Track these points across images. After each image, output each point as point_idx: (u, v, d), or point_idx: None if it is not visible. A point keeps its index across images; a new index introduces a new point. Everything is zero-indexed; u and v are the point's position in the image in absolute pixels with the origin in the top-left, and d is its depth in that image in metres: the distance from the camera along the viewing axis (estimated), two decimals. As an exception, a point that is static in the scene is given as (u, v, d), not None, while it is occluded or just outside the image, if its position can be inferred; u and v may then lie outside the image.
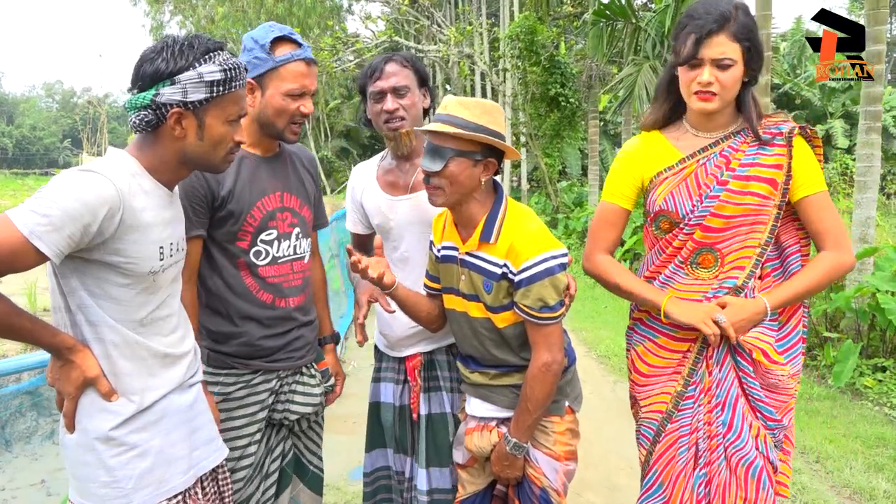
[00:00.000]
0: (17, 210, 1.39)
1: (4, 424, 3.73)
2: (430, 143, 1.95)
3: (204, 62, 1.54)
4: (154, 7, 28.75)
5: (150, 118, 1.54)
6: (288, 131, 2.07)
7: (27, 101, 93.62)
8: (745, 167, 1.96)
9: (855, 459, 4.01)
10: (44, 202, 1.39)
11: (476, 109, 1.92)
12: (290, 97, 2.01)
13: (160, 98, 1.52)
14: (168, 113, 1.53)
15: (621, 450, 4.21)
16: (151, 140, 1.59)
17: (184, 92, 1.52)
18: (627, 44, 11.49)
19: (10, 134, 77.15)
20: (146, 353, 1.61)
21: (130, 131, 1.56)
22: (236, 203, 2.01)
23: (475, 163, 1.94)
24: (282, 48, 2.00)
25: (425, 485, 2.28)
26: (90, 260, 1.49)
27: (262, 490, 2.16)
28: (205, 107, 1.56)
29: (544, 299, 1.93)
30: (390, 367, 2.43)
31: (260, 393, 2.11)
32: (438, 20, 22.20)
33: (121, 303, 1.55)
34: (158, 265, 1.59)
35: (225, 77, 1.55)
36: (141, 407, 1.59)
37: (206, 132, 1.59)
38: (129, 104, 1.56)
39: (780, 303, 1.99)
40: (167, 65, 1.51)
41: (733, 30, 1.88)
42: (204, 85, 1.53)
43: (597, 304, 8.86)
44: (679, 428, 2.09)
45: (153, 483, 1.60)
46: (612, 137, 23.55)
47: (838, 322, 6.06)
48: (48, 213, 1.37)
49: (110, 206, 1.44)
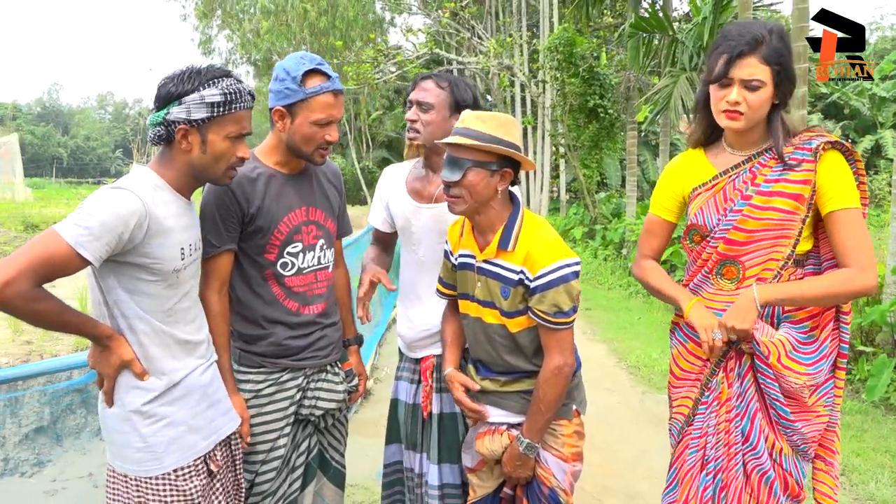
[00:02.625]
0: (62, 224, 1.65)
1: (56, 420, 3.97)
2: (448, 154, 2.07)
3: (207, 86, 1.81)
4: (203, 22, 29.54)
5: (162, 133, 1.82)
6: (316, 155, 2.21)
7: (82, 113, 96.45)
8: (769, 183, 2.00)
9: (882, 473, 3.98)
10: (84, 216, 1.65)
11: (492, 122, 2.04)
12: (318, 126, 2.14)
13: (170, 116, 1.80)
14: (176, 129, 1.80)
15: (646, 459, 4.25)
16: (167, 155, 1.86)
17: (188, 111, 1.79)
18: (665, 55, 11.47)
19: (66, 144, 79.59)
20: (171, 340, 1.87)
21: (148, 137, 1.90)
22: (264, 219, 2.16)
23: (492, 173, 2.04)
24: (312, 80, 2.11)
25: (437, 480, 2.41)
26: (124, 262, 1.75)
27: (288, 482, 2.31)
28: (207, 125, 1.82)
29: (559, 305, 2.02)
30: (407, 367, 2.58)
31: (289, 389, 2.26)
32: (479, 32, 22.38)
33: (150, 297, 1.81)
34: (180, 263, 1.85)
35: (224, 100, 1.81)
36: (169, 385, 1.86)
37: (208, 147, 1.85)
38: (149, 121, 1.85)
39: (772, 298, 1.98)
40: (176, 88, 1.80)
41: (764, 53, 1.93)
42: (205, 106, 1.80)
43: (630, 316, 8.85)
44: (692, 431, 2.18)
45: (180, 448, 1.86)
46: (653, 148, 23.32)
47: (874, 336, 5.98)
48: (89, 225, 1.64)
49: (138, 217, 1.70)
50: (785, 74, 1.97)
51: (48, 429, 3.93)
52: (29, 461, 3.74)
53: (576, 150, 16.23)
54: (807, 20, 7.05)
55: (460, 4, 21.59)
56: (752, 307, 1.98)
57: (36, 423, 3.84)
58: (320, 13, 24.56)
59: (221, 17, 28.69)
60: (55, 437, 3.96)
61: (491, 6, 24.55)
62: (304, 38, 24.44)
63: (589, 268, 12.69)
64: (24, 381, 3.28)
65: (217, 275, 2.13)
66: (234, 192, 2.14)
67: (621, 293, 10.74)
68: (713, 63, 2.02)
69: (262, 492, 2.24)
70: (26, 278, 1.57)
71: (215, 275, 2.13)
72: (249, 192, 2.17)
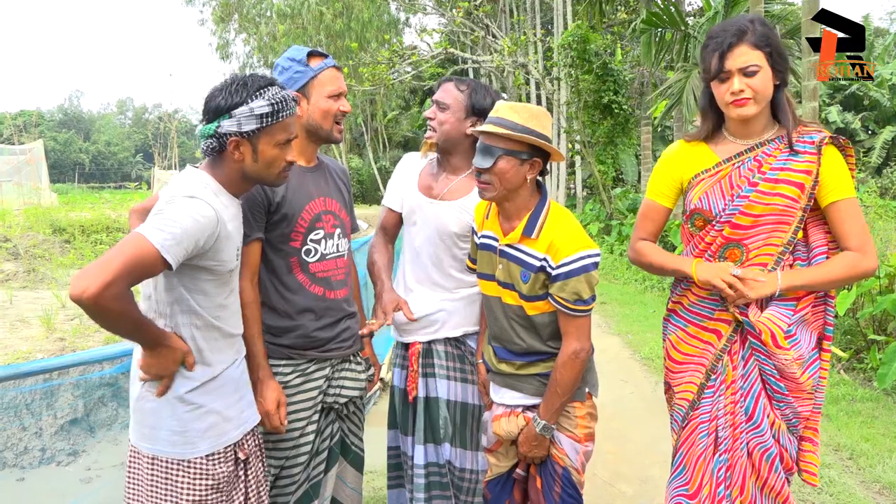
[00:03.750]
0: (148, 229, 1.73)
1: (89, 412, 4.15)
2: (481, 142, 2.16)
3: (255, 98, 1.87)
4: (220, 26, 29.84)
5: (214, 145, 1.91)
6: (335, 130, 2.36)
7: (102, 119, 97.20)
8: (775, 171, 2.10)
9: (890, 457, 4.04)
10: (168, 223, 1.74)
11: (525, 113, 2.13)
12: (332, 98, 2.32)
13: (221, 129, 1.88)
14: (228, 141, 1.89)
15: (658, 446, 4.34)
16: (220, 161, 1.96)
17: (239, 124, 1.87)
18: (677, 51, 11.50)
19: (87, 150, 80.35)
20: (218, 333, 1.97)
21: (200, 148, 1.96)
22: (289, 207, 2.29)
23: (522, 162, 2.13)
24: (314, 60, 2.31)
25: (422, 459, 2.53)
26: (190, 264, 1.85)
27: (312, 465, 2.42)
28: (257, 135, 1.90)
29: (579, 293, 2.12)
30: (400, 353, 2.71)
31: (317, 379, 2.36)
32: (493, 31, 22.46)
33: (206, 294, 1.92)
34: (235, 263, 1.98)
35: (273, 110, 1.88)
36: (212, 376, 1.96)
37: (259, 155, 1.93)
38: (199, 133, 1.93)
39: (792, 285, 2.10)
40: (225, 101, 1.87)
41: (752, 40, 2.04)
42: (255, 118, 1.87)
43: (644, 309, 8.92)
44: (699, 416, 2.25)
45: (214, 436, 1.96)
46: (668, 142, 23.26)
47: (886, 325, 6.02)
48: (173, 231, 1.73)
49: (213, 225, 1.82)
50: (777, 54, 2.07)
51: (82, 420, 4.11)
52: (65, 451, 3.91)
53: (591, 146, 16.27)
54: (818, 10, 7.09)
55: (474, 3, 21.65)
56: (773, 288, 2.09)
57: (70, 414, 4.02)
58: (336, 15, 24.73)
59: (238, 21, 28.98)
60: (88, 429, 4.14)
61: (505, 4, 24.59)
62: (321, 41, 24.63)
63: (605, 263, 12.74)
64: (58, 374, 3.45)
65: (249, 264, 2.23)
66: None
67: (636, 287, 10.81)
68: (708, 62, 2.13)
69: (290, 475, 2.34)
70: (123, 280, 1.64)
71: (248, 264, 2.22)
72: None
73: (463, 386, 2.58)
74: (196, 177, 1.94)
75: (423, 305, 2.57)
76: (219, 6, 28.88)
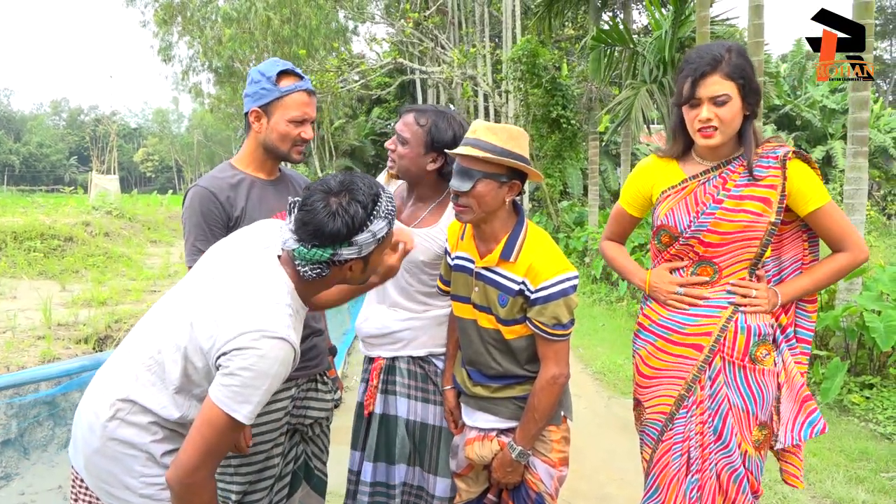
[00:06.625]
0: (236, 403, 1.59)
1: (23, 433, 3.91)
2: (459, 164, 2.09)
3: (373, 219, 1.72)
4: (162, 28, 29.09)
5: (324, 271, 1.73)
6: (293, 152, 2.29)
7: (35, 119, 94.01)
8: (739, 187, 2.12)
9: (837, 472, 4.15)
10: (255, 391, 1.59)
11: (503, 135, 2.06)
12: (293, 123, 2.24)
13: (338, 257, 1.71)
14: (344, 264, 1.75)
15: (614, 462, 4.35)
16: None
17: (360, 249, 1.72)
18: (626, 68, 11.74)
19: (18, 151, 77.63)
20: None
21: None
22: (248, 222, 2.19)
23: (501, 184, 2.08)
24: (286, 80, 2.23)
25: (369, 477, 2.43)
26: None
27: (275, 490, 2.33)
28: (373, 252, 1.78)
29: (558, 317, 2.08)
30: (365, 367, 2.61)
31: (282, 400, 2.28)
32: (442, 42, 22.52)
33: None
34: None
35: (389, 226, 1.77)
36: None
37: (369, 267, 1.83)
38: (301, 257, 1.70)
39: (791, 297, 2.20)
40: (347, 229, 1.68)
41: (726, 70, 2.06)
42: (375, 241, 1.74)
43: (594, 322, 9.00)
44: (673, 436, 2.25)
45: None
46: (614, 158, 23.73)
47: (828, 340, 6.21)
48: (261, 400, 1.61)
49: (290, 368, 1.69)
50: (749, 87, 2.09)
51: (15, 442, 3.87)
52: (-5, 475, 3.68)
53: (539, 159, 16.43)
54: (762, 36, 7.33)
55: (423, 15, 21.71)
56: (773, 303, 2.19)
57: (2, 435, 3.78)
58: (283, 21, 24.38)
59: (182, 24, 28.31)
60: (22, 450, 3.90)
61: (454, 17, 24.73)
62: (267, 46, 24.24)
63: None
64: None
65: None
66: (218, 197, 2.19)
67: (584, 300, 10.90)
68: (680, 87, 2.14)
69: (253, 500, 2.25)
70: (207, 468, 1.61)
71: None
72: (232, 197, 2.22)
73: (424, 406, 2.49)
74: (278, 290, 1.72)
75: (389, 322, 2.49)
76: (161, 8, 28.14)
